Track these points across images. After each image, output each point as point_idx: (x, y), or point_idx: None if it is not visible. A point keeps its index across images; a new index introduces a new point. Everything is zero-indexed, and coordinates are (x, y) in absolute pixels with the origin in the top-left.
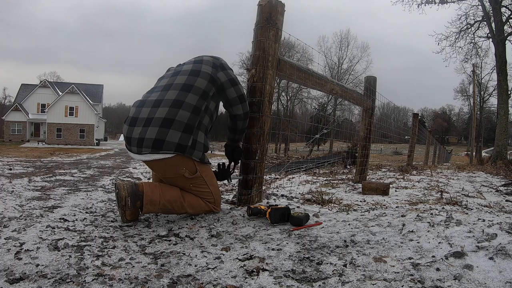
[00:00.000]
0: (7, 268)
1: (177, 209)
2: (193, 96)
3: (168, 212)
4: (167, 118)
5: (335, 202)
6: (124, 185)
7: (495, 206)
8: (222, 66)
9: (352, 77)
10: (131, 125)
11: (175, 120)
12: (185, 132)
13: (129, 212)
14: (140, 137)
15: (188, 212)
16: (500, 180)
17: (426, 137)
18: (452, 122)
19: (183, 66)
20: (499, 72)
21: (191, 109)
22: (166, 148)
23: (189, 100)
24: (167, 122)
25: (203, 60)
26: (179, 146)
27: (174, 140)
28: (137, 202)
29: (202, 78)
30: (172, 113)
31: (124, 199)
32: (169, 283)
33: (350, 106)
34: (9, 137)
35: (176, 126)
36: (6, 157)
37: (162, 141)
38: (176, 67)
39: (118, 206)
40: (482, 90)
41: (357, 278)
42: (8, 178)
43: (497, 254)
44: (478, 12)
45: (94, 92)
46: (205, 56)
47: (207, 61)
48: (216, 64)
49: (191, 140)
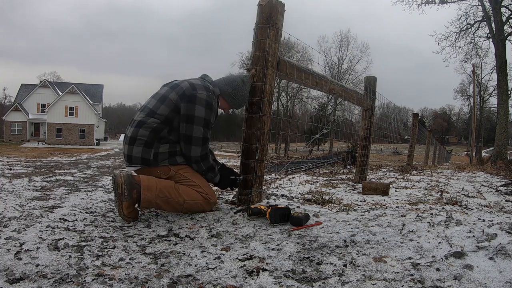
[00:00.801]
0: (7, 268)
1: (174, 196)
2: (154, 120)
3: (167, 203)
4: (131, 137)
5: (335, 202)
6: (120, 173)
7: (495, 206)
8: (191, 98)
9: (352, 77)
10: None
11: (136, 138)
12: (145, 146)
13: (126, 204)
14: (123, 152)
15: (186, 202)
16: (500, 180)
17: (426, 137)
18: (452, 122)
19: (161, 89)
20: (499, 72)
21: (150, 129)
22: (134, 162)
23: (150, 122)
24: (132, 140)
25: (177, 87)
26: (143, 160)
27: (137, 154)
28: (133, 191)
29: (166, 106)
30: (135, 132)
31: (120, 186)
32: (169, 283)
33: (350, 106)
34: (9, 137)
35: (137, 143)
36: (6, 157)
37: (130, 156)
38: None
39: (115, 196)
40: (482, 90)
41: (357, 278)
42: (8, 178)
43: (497, 254)
44: (478, 12)
45: (94, 92)
46: (184, 82)
47: (180, 88)
48: (185, 94)
49: (152, 153)
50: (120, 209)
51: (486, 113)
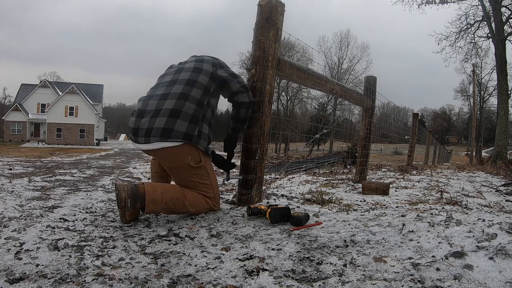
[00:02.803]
0: (7, 268)
1: (179, 207)
2: (197, 90)
3: (170, 212)
4: (174, 109)
5: (335, 202)
6: (124, 186)
7: (495, 206)
8: (221, 65)
9: (352, 77)
10: (139, 116)
11: (182, 111)
12: (191, 122)
13: (129, 212)
14: (148, 127)
15: (189, 211)
16: (500, 180)
17: (426, 137)
18: (452, 122)
19: (185, 64)
20: (499, 72)
21: (196, 102)
22: (174, 136)
23: (194, 94)
24: (175, 113)
25: (204, 59)
26: (186, 135)
27: (181, 129)
28: (136, 203)
29: (204, 75)
30: (179, 104)
31: (124, 200)
32: (169, 283)
33: (350, 106)
34: (9, 137)
35: (183, 117)
36: (6, 157)
37: (170, 130)
38: (178, 64)
39: (118, 207)
40: (482, 90)
41: (357, 278)
42: (8, 178)
43: (497, 254)
44: (478, 12)
45: (94, 92)
46: (206, 56)
47: (208, 60)
48: (216, 63)
49: (197, 130)
50: (123, 217)
51: (486, 113)
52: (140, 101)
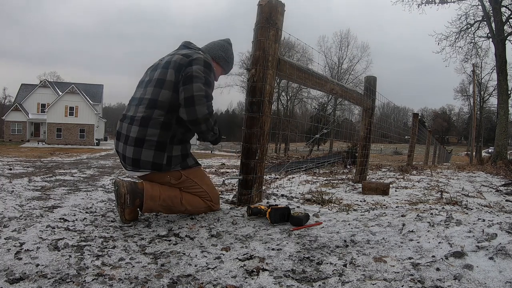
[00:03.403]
0: (7, 268)
1: (177, 205)
2: (158, 111)
3: (169, 210)
4: (138, 137)
5: (335, 202)
6: (123, 183)
7: (495, 206)
8: (187, 64)
9: (352, 77)
10: (117, 139)
11: (145, 140)
12: (157, 149)
13: (128, 210)
14: (123, 154)
15: (188, 210)
16: (500, 180)
17: (426, 137)
18: (452, 122)
19: (154, 73)
20: (499, 72)
21: (159, 125)
22: (143, 166)
23: (156, 116)
24: (139, 142)
25: (170, 63)
26: (155, 165)
27: (148, 159)
28: (136, 200)
29: (166, 89)
30: (142, 132)
31: (123, 196)
32: (169, 283)
33: (350, 106)
34: (9, 137)
35: (147, 145)
36: (6, 157)
37: (138, 160)
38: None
39: (117, 204)
40: (482, 90)
41: (357, 278)
42: (8, 178)
43: (497, 254)
44: (478, 12)
45: (94, 92)
46: (176, 55)
47: (174, 62)
48: (182, 64)
49: (166, 157)
50: (122, 215)
51: (486, 113)
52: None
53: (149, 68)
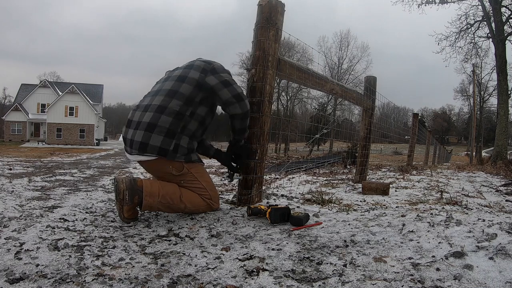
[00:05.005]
0: (7, 268)
1: (176, 202)
2: (176, 101)
3: (168, 208)
4: (150, 123)
5: (335, 202)
6: (123, 179)
7: (495, 206)
8: (214, 70)
9: (352, 77)
10: (127, 126)
11: (157, 125)
12: (167, 136)
13: (127, 207)
14: (131, 139)
15: (187, 208)
16: (500, 180)
17: (426, 137)
18: (452, 122)
19: (174, 72)
20: (499, 72)
21: (174, 114)
22: (149, 151)
23: (172, 106)
24: (150, 127)
25: (193, 66)
26: (161, 150)
27: (156, 143)
28: (135, 196)
29: (188, 84)
30: (155, 118)
31: (122, 192)
32: (169, 283)
33: (350, 106)
34: (9, 137)
35: (158, 131)
36: (6, 157)
37: (146, 144)
38: (172, 70)
39: (116, 200)
40: (482, 90)
41: (357, 278)
42: (8, 178)
43: (497, 254)
44: (478, 12)
45: (94, 92)
46: (198, 61)
47: (197, 66)
48: (207, 69)
49: (173, 144)
50: (121, 212)
51: (486, 113)
52: (132, 110)
53: (166, 72)
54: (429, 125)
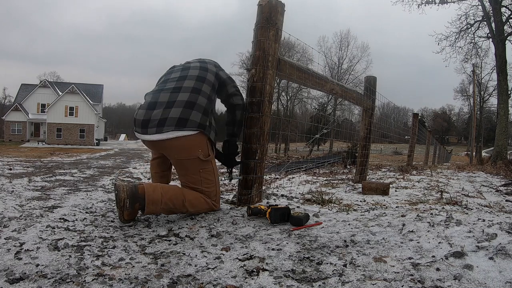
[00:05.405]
0: (7, 268)
1: (179, 207)
2: (207, 86)
3: (170, 212)
4: (189, 101)
5: (335, 202)
6: (123, 187)
7: (495, 206)
8: (221, 68)
9: (352, 77)
10: (150, 108)
11: (196, 103)
12: (204, 114)
13: (127, 212)
14: (162, 117)
15: (189, 211)
16: (500, 180)
17: (426, 137)
18: (452, 122)
19: (191, 64)
20: (499, 72)
21: (207, 96)
22: (190, 125)
23: (205, 89)
24: (190, 104)
25: (207, 61)
26: (201, 125)
27: (196, 119)
28: (135, 204)
29: (211, 73)
30: (193, 97)
31: (123, 200)
32: (169, 283)
33: (350, 106)
34: (9, 137)
35: (197, 108)
36: (6, 157)
37: (186, 119)
38: (183, 64)
39: (117, 207)
40: (482, 90)
41: (357, 278)
42: (8, 178)
43: (497, 254)
44: (478, 12)
45: (94, 92)
46: (207, 59)
47: (210, 62)
48: (217, 65)
49: (209, 121)
50: (121, 216)
51: (486, 113)
52: (148, 95)
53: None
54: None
